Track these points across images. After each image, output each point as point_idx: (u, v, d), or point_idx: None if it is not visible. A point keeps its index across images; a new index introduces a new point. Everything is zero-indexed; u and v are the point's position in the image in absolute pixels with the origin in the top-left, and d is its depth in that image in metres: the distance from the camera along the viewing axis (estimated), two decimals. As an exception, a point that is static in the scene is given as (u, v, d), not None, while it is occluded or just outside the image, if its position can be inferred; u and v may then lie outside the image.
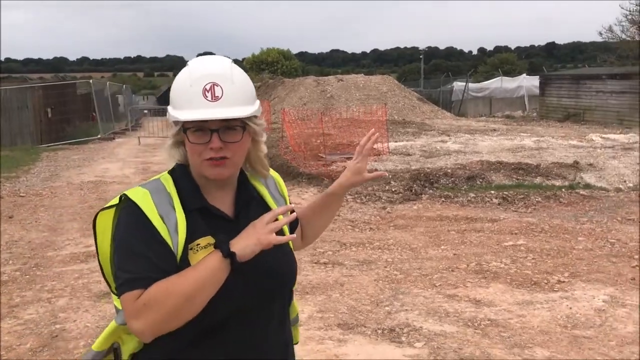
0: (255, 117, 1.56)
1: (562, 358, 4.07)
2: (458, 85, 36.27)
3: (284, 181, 1.83)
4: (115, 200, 1.54)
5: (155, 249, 1.45)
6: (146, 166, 14.14)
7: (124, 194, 1.53)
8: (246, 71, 1.64)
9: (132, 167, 13.92)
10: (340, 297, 5.27)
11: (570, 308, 4.97)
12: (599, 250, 6.73)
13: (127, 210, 1.51)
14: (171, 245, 1.46)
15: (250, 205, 1.63)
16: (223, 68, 1.54)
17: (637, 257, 6.43)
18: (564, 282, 5.62)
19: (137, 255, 1.45)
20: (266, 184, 1.73)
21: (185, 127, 1.52)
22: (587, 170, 11.84)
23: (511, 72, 44.33)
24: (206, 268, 1.43)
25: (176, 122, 1.55)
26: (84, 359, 1.63)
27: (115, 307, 1.60)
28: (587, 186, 10.51)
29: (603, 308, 4.96)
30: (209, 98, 1.48)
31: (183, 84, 1.53)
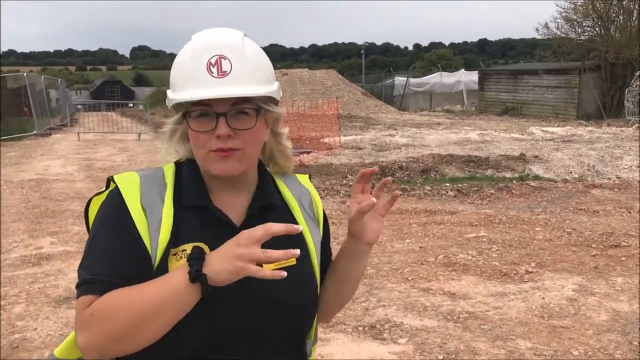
0: (274, 102, 1.29)
1: (545, 349, 4.10)
2: (399, 80, 36.80)
3: None
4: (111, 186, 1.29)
5: (124, 248, 1.18)
6: (89, 163, 13.56)
7: (111, 177, 1.28)
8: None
9: (74, 164, 13.30)
10: (315, 295, 5.15)
11: (543, 298, 5.03)
12: (558, 240, 6.88)
13: (109, 196, 1.26)
14: (148, 246, 1.19)
15: (269, 213, 1.30)
16: (232, 39, 1.24)
17: (594, 246, 6.61)
18: (532, 272, 5.70)
19: (102, 253, 1.19)
20: (299, 198, 1.39)
21: (188, 112, 1.23)
22: (534, 162, 12.19)
23: (448, 68, 45.36)
24: (168, 288, 1.12)
25: (176, 108, 1.28)
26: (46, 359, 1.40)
27: None
28: (536, 177, 10.81)
29: (574, 297, 5.05)
30: (215, 74, 1.20)
31: (183, 59, 1.25)
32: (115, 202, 1.23)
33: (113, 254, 1.18)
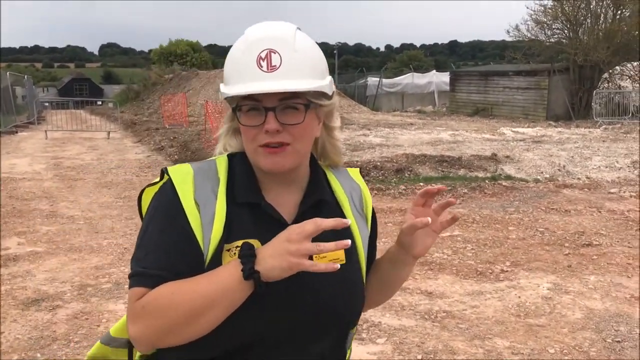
0: (326, 96, 1.27)
1: (522, 347, 4.12)
2: (372, 80, 36.88)
3: None
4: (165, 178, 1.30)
5: (177, 240, 1.19)
6: (58, 161, 13.26)
7: (165, 168, 1.28)
8: (153, 63, 1.35)
9: (42, 163, 13.00)
10: (291, 295, 5.10)
11: (519, 297, 5.06)
12: (531, 239, 6.95)
13: (162, 189, 1.26)
14: (200, 241, 1.19)
15: (320, 209, 1.29)
16: (284, 32, 1.23)
17: (567, 245, 6.69)
18: (507, 271, 5.74)
19: (154, 246, 1.20)
20: (350, 194, 1.38)
21: (239, 107, 1.23)
22: (505, 162, 12.31)
23: (419, 69, 45.68)
24: (220, 284, 1.13)
25: (229, 102, 1.28)
26: (101, 340, 1.45)
27: None
28: (508, 177, 10.92)
29: (549, 296, 5.09)
30: (264, 68, 1.19)
31: (235, 54, 1.25)
32: (168, 195, 1.23)
33: (165, 246, 1.19)
